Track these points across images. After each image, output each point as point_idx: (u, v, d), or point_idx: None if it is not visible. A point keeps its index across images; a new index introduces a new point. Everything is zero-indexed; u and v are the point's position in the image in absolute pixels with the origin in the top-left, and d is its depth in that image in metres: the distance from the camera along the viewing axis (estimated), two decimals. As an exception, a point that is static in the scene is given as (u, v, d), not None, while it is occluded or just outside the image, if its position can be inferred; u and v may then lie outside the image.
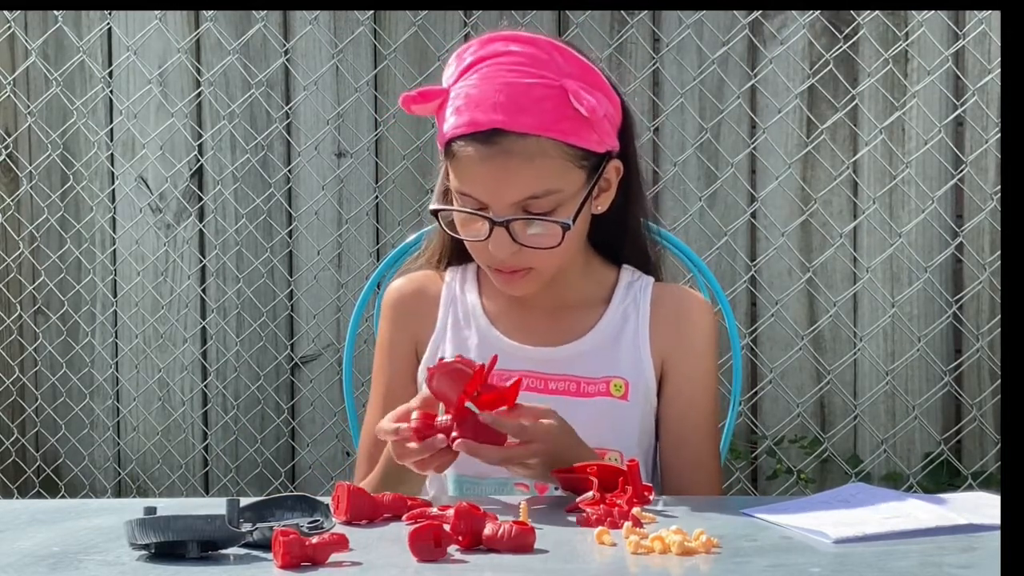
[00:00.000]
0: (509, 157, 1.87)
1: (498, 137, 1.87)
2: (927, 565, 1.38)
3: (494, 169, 1.87)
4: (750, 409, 3.56)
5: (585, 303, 2.03)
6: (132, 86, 3.87)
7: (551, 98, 1.88)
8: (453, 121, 1.89)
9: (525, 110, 1.87)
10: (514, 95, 1.87)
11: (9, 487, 3.97)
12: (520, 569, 1.37)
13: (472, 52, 1.93)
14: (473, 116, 1.87)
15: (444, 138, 1.92)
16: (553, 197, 1.89)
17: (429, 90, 1.93)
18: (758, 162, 3.55)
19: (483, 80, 1.89)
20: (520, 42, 1.92)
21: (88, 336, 3.92)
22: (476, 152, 1.87)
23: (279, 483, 3.80)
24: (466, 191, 1.90)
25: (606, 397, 1.96)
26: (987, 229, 3.47)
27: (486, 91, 1.88)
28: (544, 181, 1.88)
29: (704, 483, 1.99)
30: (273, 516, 1.53)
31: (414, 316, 2.05)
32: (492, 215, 1.88)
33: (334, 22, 3.77)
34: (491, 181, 1.88)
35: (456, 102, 1.90)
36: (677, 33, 3.52)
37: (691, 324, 2.03)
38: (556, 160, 1.89)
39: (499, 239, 1.89)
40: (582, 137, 1.90)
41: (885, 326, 3.51)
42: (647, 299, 2.03)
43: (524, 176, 1.88)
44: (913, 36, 3.46)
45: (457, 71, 1.93)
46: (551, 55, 1.91)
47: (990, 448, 3.44)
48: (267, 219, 3.80)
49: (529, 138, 1.87)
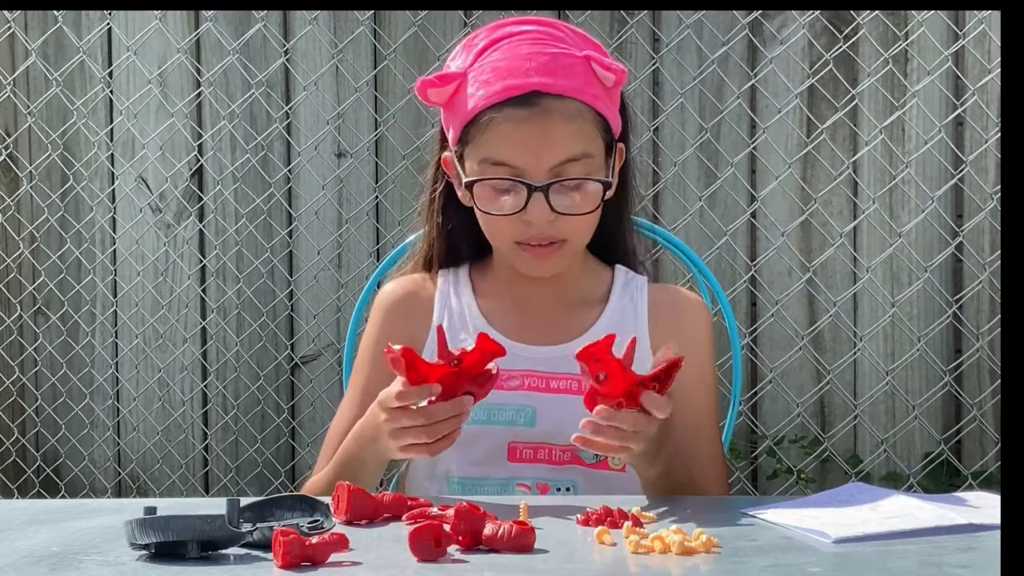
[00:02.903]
0: (550, 117, 1.89)
1: (537, 98, 1.89)
2: (927, 565, 1.38)
3: (535, 130, 1.89)
4: (750, 409, 3.56)
5: (583, 302, 2.04)
6: (132, 86, 3.87)
7: (578, 66, 1.92)
8: (483, 93, 1.90)
9: (559, 73, 1.90)
10: (545, 62, 1.91)
11: (9, 487, 3.97)
12: (520, 569, 1.37)
13: (484, 37, 1.95)
14: (507, 82, 1.90)
15: (468, 115, 1.92)
16: (587, 162, 1.91)
17: (447, 73, 1.95)
18: (758, 162, 3.55)
19: (509, 51, 1.92)
20: (533, 23, 1.96)
21: (88, 336, 3.92)
22: (515, 115, 1.89)
23: (279, 483, 3.80)
24: (502, 159, 1.91)
25: None
26: (987, 229, 3.47)
27: (515, 60, 1.91)
28: (582, 143, 1.91)
29: (710, 480, 1.99)
30: (273, 516, 1.53)
31: (407, 319, 2.04)
32: (531, 181, 1.89)
33: (334, 22, 3.77)
34: (532, 143, 1.90)
35: (482, 77, 1.91)
36: (677, 33, 3.52)
37: (689, 324, 2.04)
38: (589, 124, 1.92)
39: (538, 206, 1.89)
40: (605, 107, 1.94)
41: (885, 326, 3.51)
42: (644, 299, 2.04)
43: (564, 136, 1.90)
44: (913, 36, 3.46)
45: (472, 55, 1.94)
46: (566, 33, 1.96)
47: (990, 448, 3.44)
48: (267, 219, 3.80)
49: (567, 99, 1.90)
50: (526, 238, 1.93)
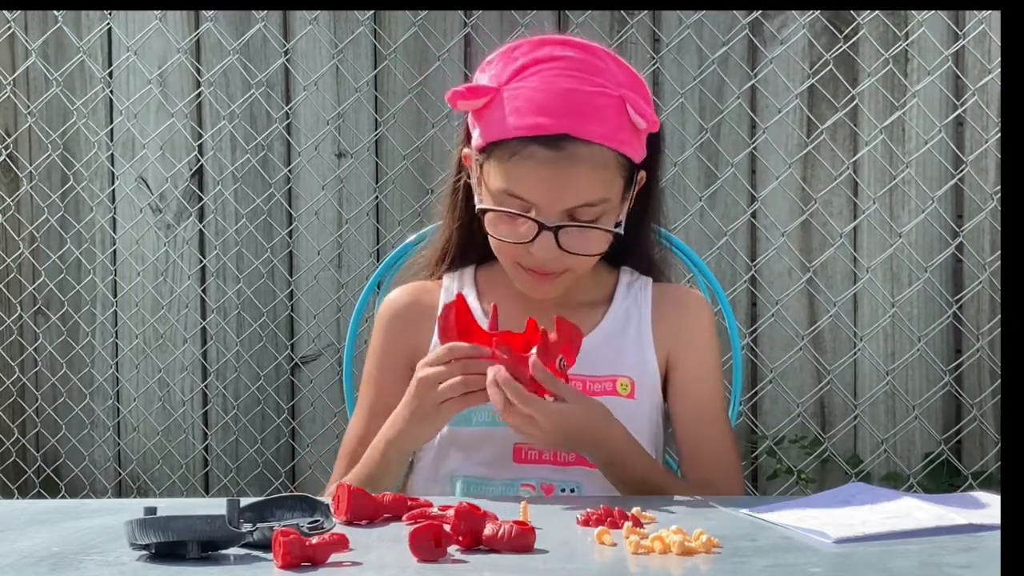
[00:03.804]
0: (575, 163, 1.87)
1: (566, 143, 1.86)
2: (927, 565, 1.38)
3: (557, 174, 1.87)
4: (750, 409, 3.57)
5: (588, 303, 2.05)
6: (132, 86, 3.87)
7: (612, 107, 1.88)
8: (513, 122, 1.88)
9: (591, 118, 1.87)
10: (580, 102, 1.87)
11: (9, 487, 3.97)
12: (520, 569, 1.37)
13: (524, 53, 1.92)
14: (538, 119, 1.87)
15: (493, 137, 1.90)
16: (602, 206, 1.90)
17: (479, 87, 1.92)
18: (758, 162, 3.55)
19: (543, 83, 1.88)
20: (574, 47, 1.92)
21: (88, 336, 3.92)
22: (541, 155, 1.87)
23: (279, 483, 3.80)
24: (520, 194, 1.89)
25: (613, 396, 1.97)
26: (987, 229, 3.47)
27: (550, 95, 1.87)
28: (601, 190, 1.90)
29: (724, 472, 2.01)
30: (273, 516, 1.53)
31: (410, 328, 2.05)
32: (542, 219, 1.89)
33: (334, 22, 3.77)
34: (552, 186, 1.88)
35: (515, 102, 1.89)
36: (677, 33, 3.52)
37: (692, 320, 2.05)
38: (612, 170, 1.90)
39: (545, 243, 1.90)
40: (632, 148, 1.92)
41: (885, 326, 3.51)
42: (647, 298, 2.05)
43: (586, 183, 1.88)
44: (913, 36, 3.46)
45: (508, 71, 1.91)
46: (606, 63, 1.92)
47: (990, 448, 3.44)
48: (267, 219, 3.80)
49: (595, 146, 1.88)
50: (528, 264, 1.94)
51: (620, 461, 1.89)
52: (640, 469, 1.90)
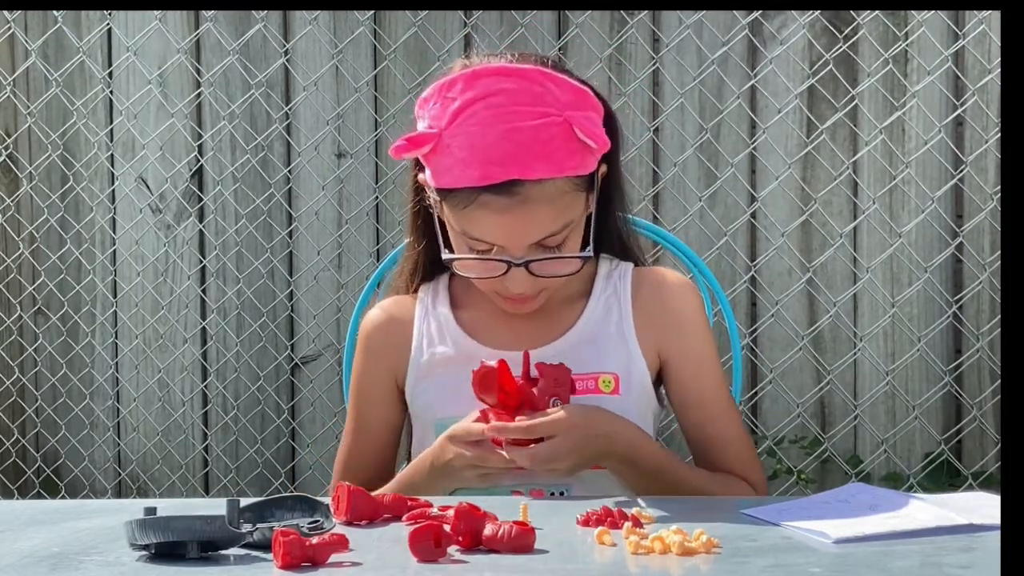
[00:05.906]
0: (530, 204, 1.85)
1: (516, 187, 1.83)
2: (927, 565, 1.38)
3: (514, 218, 1.85)
4: (750, 409, 3.56)
5: (565, 299, 2.01)
6: (132, 86, 3.87)
7: (559, 136, 1.84)
8: (460, 172, 1.84)
9: (538, 156, 1.83)
10: (525, 142, 1.83)
11: (9, 488, 3.97)
12: (520, 569, 1.37)
13: (460, 92, 1.86)
14: (485, 169, 1.83)
15: (444, 184, 1.88)
16: (567, 229, 1.89)
17: (419, 135, 1.89)
18: (758, 162, 3.55)
19: (484, 125, 1.83)
20: (509, 76, 1.86)
21: (88, 337, 3.92)
22: (493, 203, 1.84)
23: (279, 483, 3.80)
24: (480, 237, 1.88)
25: (595, 394, 1.93)
26: (987, 229, 3.47)
27: (492, 139, 1.83)
28: (563, 218, 1.88)
29: (736, 458, 1.98)
30: (273, 516, 1.53)
31: (388, 347, 2.04)
32: (510, 258, 1.87)
33: (334, 22, 3.77)
34: (511, 230, 1.86)
35: (459, 152, 1.85)
36: (677, 33, 3.52)
37: (675, 306, 2.01)
38: (569, 194, 1.88)
39: (517, 277, 1.89)
40: (587, 164, 1.89)
41: (885, 326, 3.51)
42: (627, 286, 2.01)
43: (544, 219, 1.86)
44: (913, 36, 3.46)
45: (448, 113, 1.86)
46: (545, 86, 1.86)
47: (990, 448, 3.44)
48: (267, 219, 3.80)
49: (546, 183, 1.84)
50: (506, 294, 1.94)
51: (635, 457, 1.89)
52: (655, 461, 1.90)
